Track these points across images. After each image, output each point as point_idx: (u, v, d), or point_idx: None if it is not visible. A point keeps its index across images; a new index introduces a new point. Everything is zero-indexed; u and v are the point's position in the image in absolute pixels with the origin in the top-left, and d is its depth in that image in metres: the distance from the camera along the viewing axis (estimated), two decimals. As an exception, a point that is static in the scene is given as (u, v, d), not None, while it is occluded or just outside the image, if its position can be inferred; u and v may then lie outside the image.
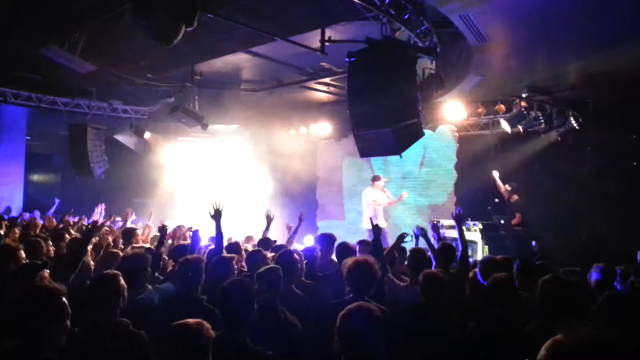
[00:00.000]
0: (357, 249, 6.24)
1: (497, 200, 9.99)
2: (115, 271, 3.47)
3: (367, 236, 8.02)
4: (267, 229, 6.69)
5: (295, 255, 4.59)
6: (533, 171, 9.72)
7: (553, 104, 9.16)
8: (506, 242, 8.90)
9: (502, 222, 9.26)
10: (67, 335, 2.69)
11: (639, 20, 5.81)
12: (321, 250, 5.46)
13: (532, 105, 9.16)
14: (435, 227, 5.91)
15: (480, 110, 10.22)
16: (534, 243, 8.88)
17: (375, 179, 10.49)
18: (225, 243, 5.54)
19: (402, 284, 4.80)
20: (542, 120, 9.27)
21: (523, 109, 9.18)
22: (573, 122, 9.01)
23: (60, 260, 4.89)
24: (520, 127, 9.45)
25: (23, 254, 4.27)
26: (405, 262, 5.36)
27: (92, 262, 5.01)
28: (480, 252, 8.70)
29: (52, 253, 5.47)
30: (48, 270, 3.99)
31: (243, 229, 9.15)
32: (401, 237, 5.41)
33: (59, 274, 4.09)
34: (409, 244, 5.67)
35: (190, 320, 2.46)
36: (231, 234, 6.76)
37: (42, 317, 2.57)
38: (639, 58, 6.92)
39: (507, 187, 9.77)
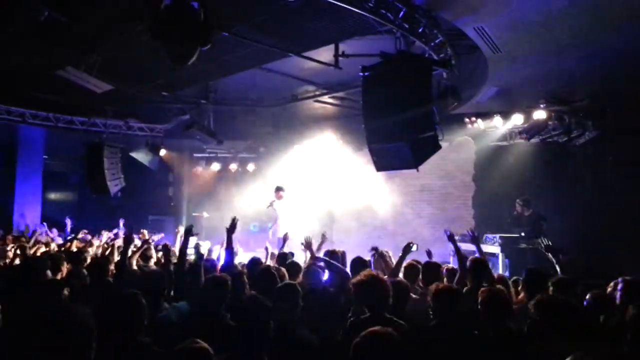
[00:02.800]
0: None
1: (509, 220, 9.81)
2: (135, 290, 3.43)
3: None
4: (282, 247, 6.64)
5: None
6: (552, 181, 9.55)
7: (571, 114, 9.01)
8: (527, 255, 8.72)
9: (523, 234, 9.09)
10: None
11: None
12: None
13: (550, 115, 9.02)
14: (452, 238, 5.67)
15: (497, 121, 10.10)
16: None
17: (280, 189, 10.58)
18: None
19: (415, 297, 4.66)
20: (561, 131, 9.13)
21: (541, 120, 9.05)
22: (592, 132, 8.86)
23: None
24: (538, 138, 9.31)
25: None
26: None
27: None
28: (501, 265, 8.53)
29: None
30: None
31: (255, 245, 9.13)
32: (407, 248, 5.29)
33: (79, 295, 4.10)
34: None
35: (188, 342, 2.46)
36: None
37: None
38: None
39: (519, 201, 9.56)
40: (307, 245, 5.78)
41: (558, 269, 4.93)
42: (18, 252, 6.66)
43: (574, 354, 2.01)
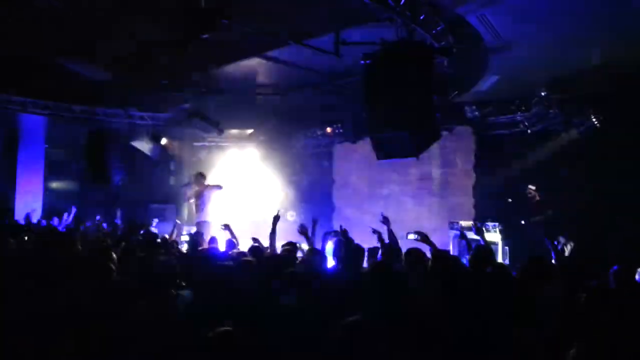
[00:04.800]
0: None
1: (509, 200, 9.83)
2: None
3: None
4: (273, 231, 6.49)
5: None
6: (553, 171, 9.55)
7: (572, 102, 9.00)
8: (527, 243, 8.77)
9: (523, 222, 9.13)
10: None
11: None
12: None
13: (551, 103, 9.01)
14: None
15: (498, 110, 10.10)
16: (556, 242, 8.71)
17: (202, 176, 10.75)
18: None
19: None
20: (562, 119, 9.12)
21: (541, 108, 9.05)
22: (593, 120, 8.85)
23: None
24: (538, 127, 9.31)
25: None
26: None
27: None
28: (500, 253, 8.57)
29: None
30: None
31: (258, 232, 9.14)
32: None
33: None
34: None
35: (224, 329, 2.43)
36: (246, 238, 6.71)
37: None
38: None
39: (531, 187, 9.62)
40: (303, 232, 5.80)
41: (554, 255, 4.96)
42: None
43: (578, 344, 2.00)
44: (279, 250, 5.98)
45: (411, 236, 5.59)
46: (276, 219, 6.31)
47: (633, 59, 7.27)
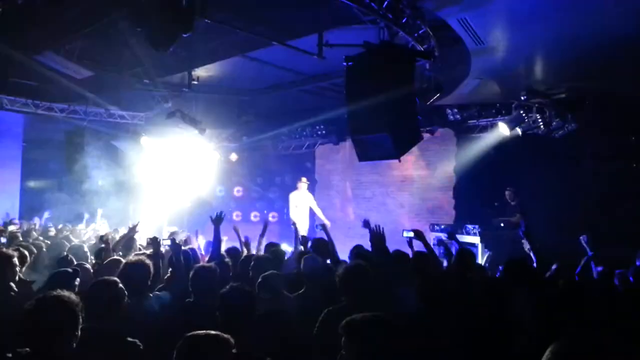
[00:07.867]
0: None
1: (496, 203, 9.94)
2: (114, 278, 3.43)
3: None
4: (262, 235, 6.64)
5: None
6: (532, 173, 9.68)
7: (552, 106, 9.13)
8: (506, 245, 8.86)
9: (502, 224, 9.22)
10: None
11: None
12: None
13: (531, 107, 9.12)
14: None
15: (478, 113, 10.20)
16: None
17: (299, 180, 11.32)
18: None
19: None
20: (541, 123, 9.24)
21: (521, 111, 9.16)
22: (572, 124, 8.99)
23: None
24: (519, 130, 9.42)
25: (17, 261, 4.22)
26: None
27: (91, 269, 5.02)
28: (480, 255, 8.66)
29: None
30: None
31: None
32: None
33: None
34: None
35: (212, 332, 2.40)
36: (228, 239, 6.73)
37: (54, 326, 2.56)
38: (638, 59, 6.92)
39: (509, 190, 9.74)
40: (304, 242, 5.84)
41: (533, 255, 5.03)
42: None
43: (560, 340, 2.01)
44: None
45: (407, 233, 5.71)
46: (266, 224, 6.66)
47: (610, 63, 7.40)
